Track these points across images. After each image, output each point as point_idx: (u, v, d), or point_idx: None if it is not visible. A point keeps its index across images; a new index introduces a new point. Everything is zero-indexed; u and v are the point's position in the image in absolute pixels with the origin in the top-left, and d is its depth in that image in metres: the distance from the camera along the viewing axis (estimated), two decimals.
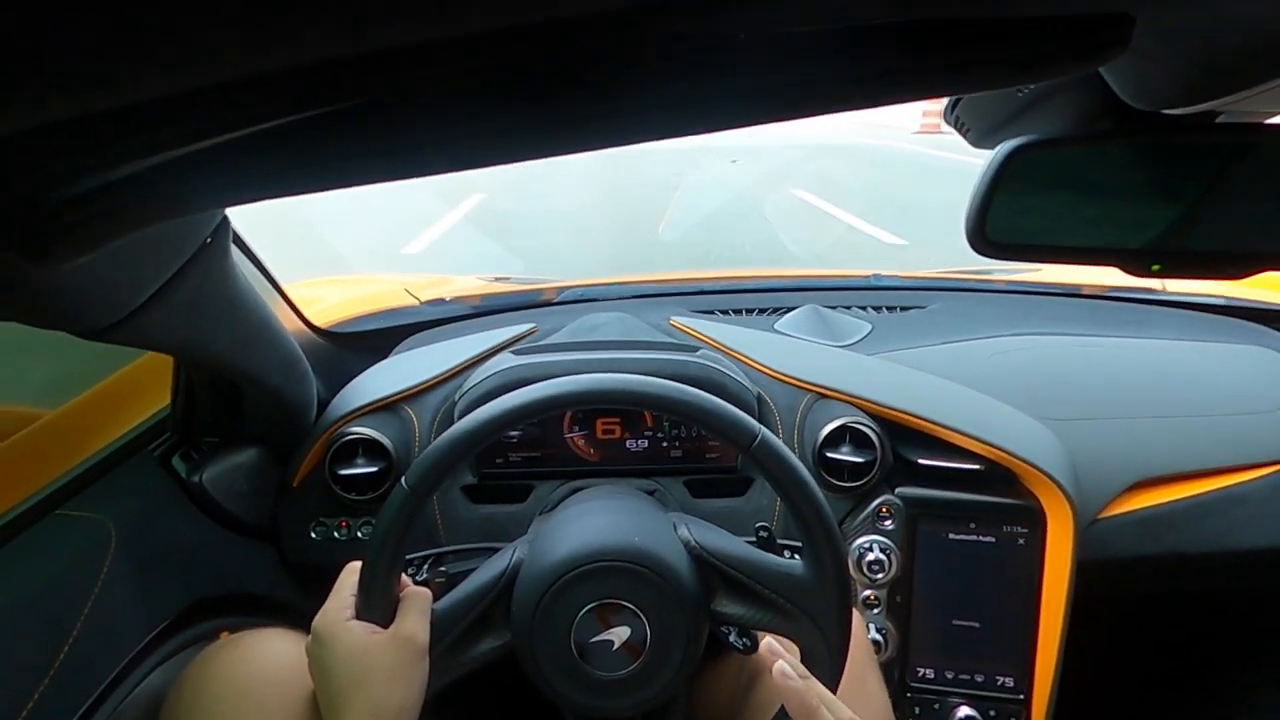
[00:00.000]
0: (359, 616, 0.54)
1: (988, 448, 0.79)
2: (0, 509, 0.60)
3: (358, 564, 0.55)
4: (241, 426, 0.79)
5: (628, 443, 0.86)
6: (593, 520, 0.63)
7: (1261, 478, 0.84)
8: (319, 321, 0.98)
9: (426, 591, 0.57)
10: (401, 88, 0.25)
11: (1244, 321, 1.05)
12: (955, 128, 0.56)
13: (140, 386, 0.80)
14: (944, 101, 0.54)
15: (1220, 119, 0.44)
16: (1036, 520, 0.79)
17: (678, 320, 0.97)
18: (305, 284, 1.18)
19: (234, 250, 0.60)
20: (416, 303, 1.16)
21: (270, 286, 0.82)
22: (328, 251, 4.58)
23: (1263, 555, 0.83)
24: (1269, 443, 0.86)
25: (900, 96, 0.30)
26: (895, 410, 0.82)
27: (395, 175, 0.29)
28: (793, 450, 0.56)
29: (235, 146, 0.27)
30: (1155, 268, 0.44)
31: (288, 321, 0.84)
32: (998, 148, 0.46)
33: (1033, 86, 0.45)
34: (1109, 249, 0.46)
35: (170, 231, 0.48)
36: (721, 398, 0.56)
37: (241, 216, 0.66)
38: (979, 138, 0.53)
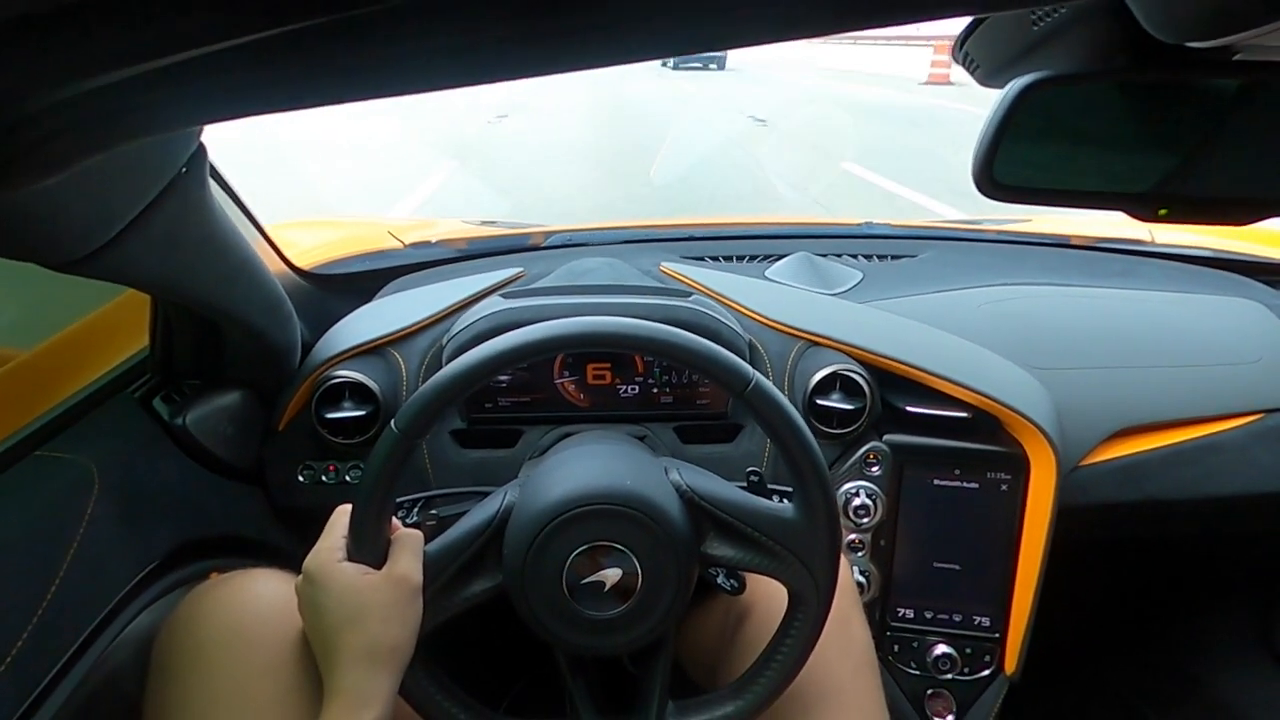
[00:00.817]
0: (351, 558, 0.54)
1: (975, 395, 0.80)
2: None
3: (348, 507, 0.55)
4: (224, 369, 0.77)
5: (618, 388, 0.85)
6: (585, 464, 0.63)
7: (1239, 427, 0.86)
8: (300, 263, 0.95)
9: (418, 533, 0.57)
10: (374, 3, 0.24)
11: (1228, 273, 1.06)
12: (963, 64, 0.54)
13: (117, 326, 0.77)
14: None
15: (1236, 58, 0.43)
16: (1020, 467, 0.80)
17: (668, 266, 0.96)
18: (285, 225, 1.14)
19: (213, 186, 0.57)
20: (401, 245, 1.13)
21: (251, 225, 0.79)
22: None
23: (1237, 501, 0.86)
24: (1247, 393, 0.87)
25: (916, 12, 0.28)
26: (885, 358, 0.83)
27: (369, 93, 0.28)
28: None
29: (207, 60, 0.25)
30: (1162, 212, 0.44)
31: (269, 262, 0.81)
32: (1008, 85, 0.44)
33: (1048, 19, 0.44)
34: (1117, 193, 0.45)
35: (143, 159, 0.45)
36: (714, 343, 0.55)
37: (224, 160, 0.63)
38: (988, 75, 0.52)
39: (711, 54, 16.59)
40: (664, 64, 19.34)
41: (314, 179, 4.97)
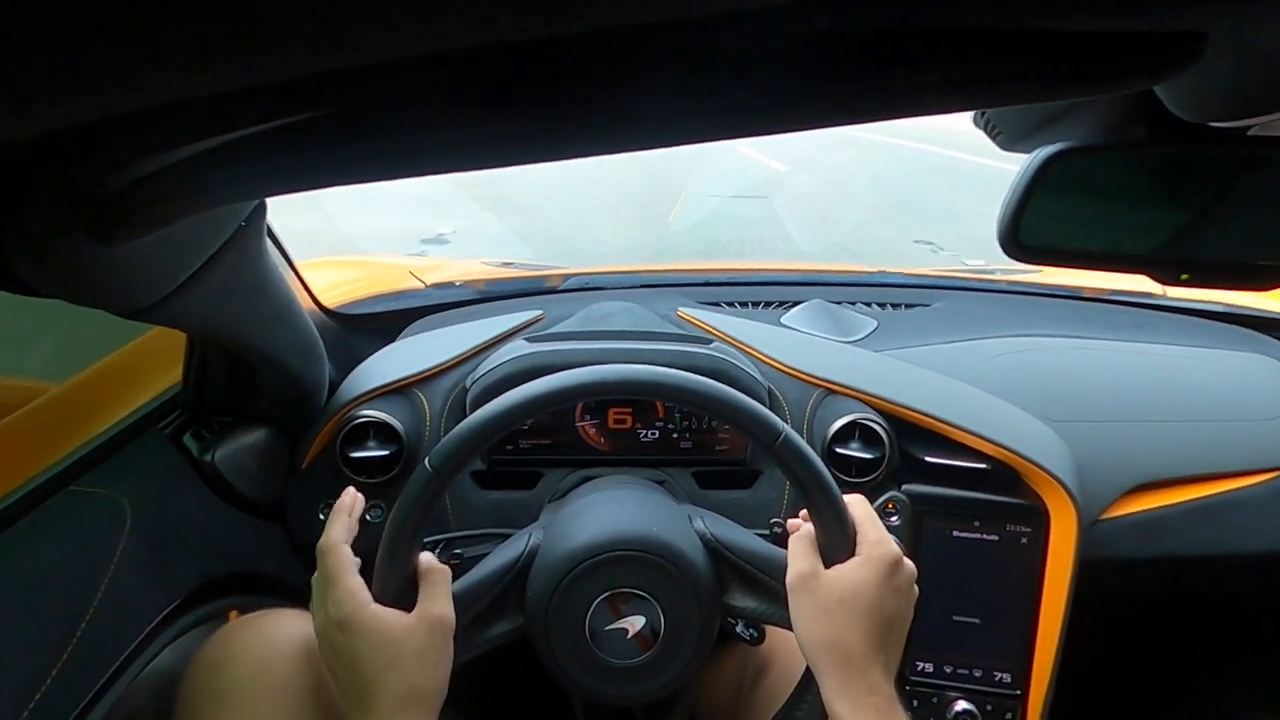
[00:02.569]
0: (378, 599, 0.54)
1: (994, 447, 0.80)
2: (12, 484, 0.59)
3: (331, 543, 0.55)
4: (253, 406, 0.78)
5: (639, 433, 0.86)
6: (610, 509, 0.63)
7: (1259, 484, 0.85)
8: (326, 302, 0.97)
9: (447, 569, 0.57)
10: (396, 94, 0.26)
11: (1242, 328, 1.07)
12: (985, 129, 0.56)
13: (147, 362, 0.79)
14: None
15: (1252, 131, 0.45)
16: (1040, 520, 0.80)
17: (685, 311, 0.97)
18: (311, 263, 1.17)
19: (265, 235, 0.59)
20: (422, 285, 1.15)
21: (287, 266, 0.81)
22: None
23: (1259, 559, 0.85)
24: (1267, 449, 0.87)
25: (920, 108, 0.30)
26: (904, 407, 0.83)
27: (398, 174, 0.30)
28: None
29: (280, 135, 0.28)
30: (1184, 276, 0.45)
31: (300, 300, 0.83)
32: (1035, 153, 0.46)
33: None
34: (1139, 256, 0.47)
35: (210, 215, 0.48)
36: None
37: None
38: (1009, 141, 0.54)
39: None
40: None
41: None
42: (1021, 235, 0.46)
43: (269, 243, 0.62)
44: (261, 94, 0.24)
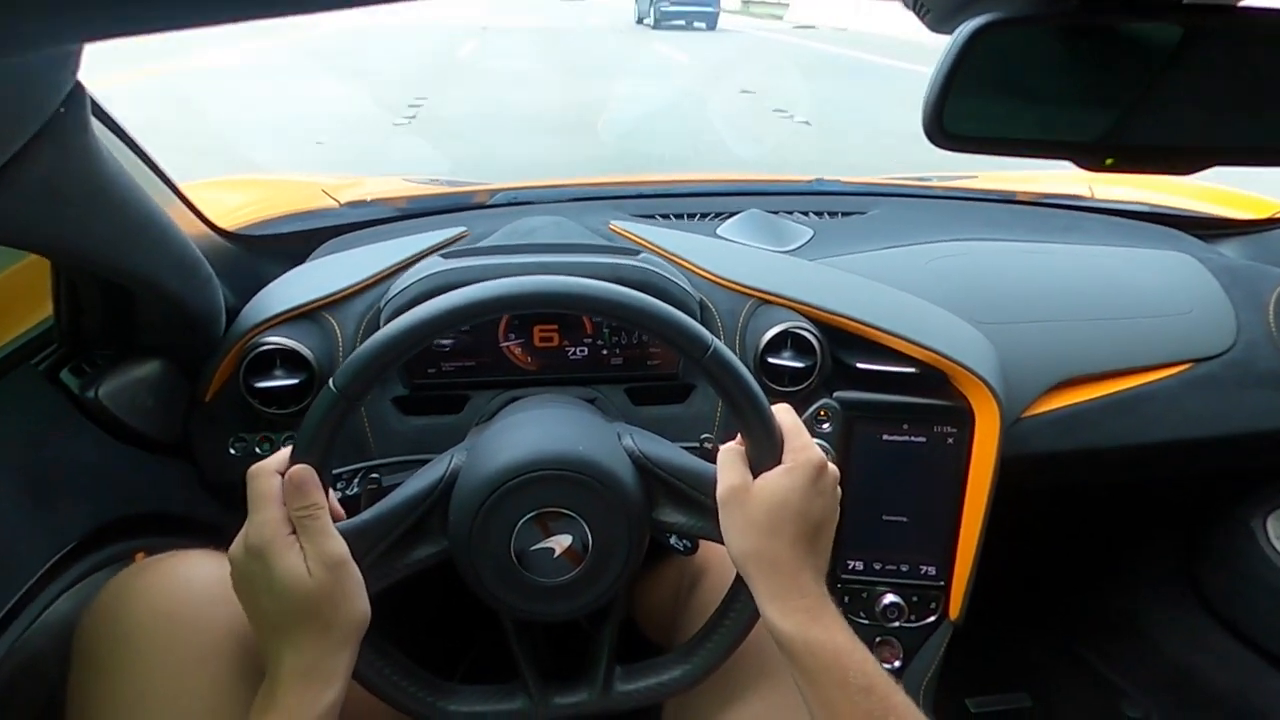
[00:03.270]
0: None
1: (923, 351, 0.81)
2: None
3: (260, 467, 0.51)
4: (138, 337, 0.71)
5: (567, 350, 0.83)
6: (536, 428, 0.61)
7: (1171, 376, 0.89)
8: (225, 224, 0.89)
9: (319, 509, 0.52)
10: None
11: (1163, 227, 1.09)
12: (913, 9, 0.52)
13: (15, 295, 0.71)
14: None
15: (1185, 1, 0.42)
16: (966, 420, 0.82)
17: (617, 224, 0.93)
18: (205, 184, 1.07)
19: (104, 133, 0.52)
20: (336, 204, 1.07)
21: (160, 181, 0.73)
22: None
23: (1170, 446, 0.90)
24: (1179, 344, 0.90)
25: None
26: (835, 315, 0.82)
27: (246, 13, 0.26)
28: None
29: None
30: (1109, 162, 0.43)
31: (185, 223, 0.75)
32: (960, 28, 0.43)
33: None
34: (1065, 143, 0.45)
35: (8, 97, 0.40)
36: (664, 303, 0.54)
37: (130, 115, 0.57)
38: (938, 20, 0.50)
39: (700, 12, 14.43)
40: (638, 19, 15.89)
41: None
42: (946, 123, 0.44)
43: (118, 147, 0.54)
44: None
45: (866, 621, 0.88)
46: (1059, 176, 1.29)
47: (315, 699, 0.48)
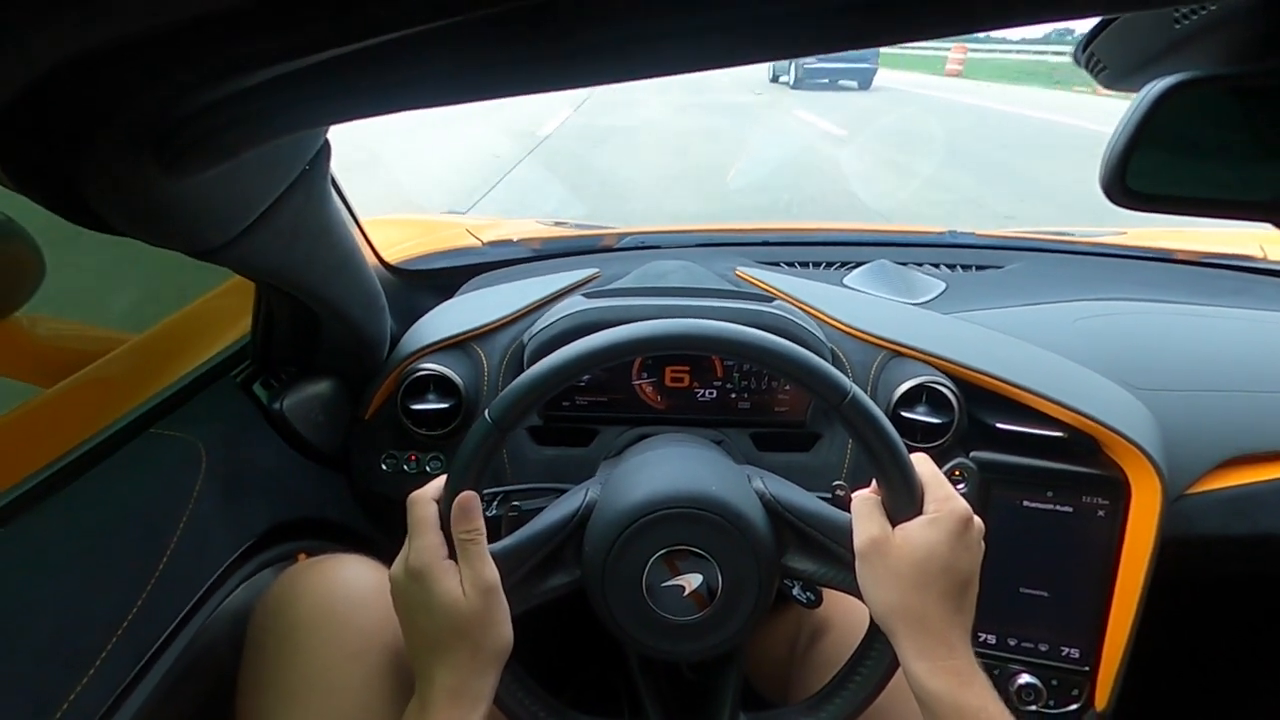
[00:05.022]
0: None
1: (1071, 414, 0.76)
2: (98, 425, 0.62)
3: (421, 497, 0.55)
4: (318, 357, 0.80)
5: (696, 392, 0.84)
6: (669, 466, 0.62)
7: None
8: (388, 258, 0.98)
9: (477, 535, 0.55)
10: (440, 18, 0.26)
11: None
12: (1086, 66, 0.51)
13: (219, 315, 0.81)
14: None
15: None
16: (1120, 492, 0.76)
17: (744, 271, 0.95)
18: (370, 221, 1.18)
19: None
20: (479, 243, 1.15)
21: (351, 221, 0.82)
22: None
23: None
24: None
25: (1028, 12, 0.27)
26: (974, 371, 0.79)
27: (447, 100, 0.31)
28: None
29: (334, 66, 0.28)
30: None
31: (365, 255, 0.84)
32: (1148, 86, 0.42)
33: (1192, 17, 0.41)
34: (1263, 203, 0.42)
35: (277, 155, 0.48)
36: None
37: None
38: (1115, 78, 0.49)
39: (850, 67, 12.03)
40: (774, 78, 13.64)
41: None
42: (1130, 179, 0.42)
43: (333, 191, 0.62)
44: (314, 21, 0.23)
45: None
46: (1224, 235, 1.19)
47: (463, 718, 0.51)
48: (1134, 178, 0.42)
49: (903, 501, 0.53)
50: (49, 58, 0.25)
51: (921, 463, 0.56)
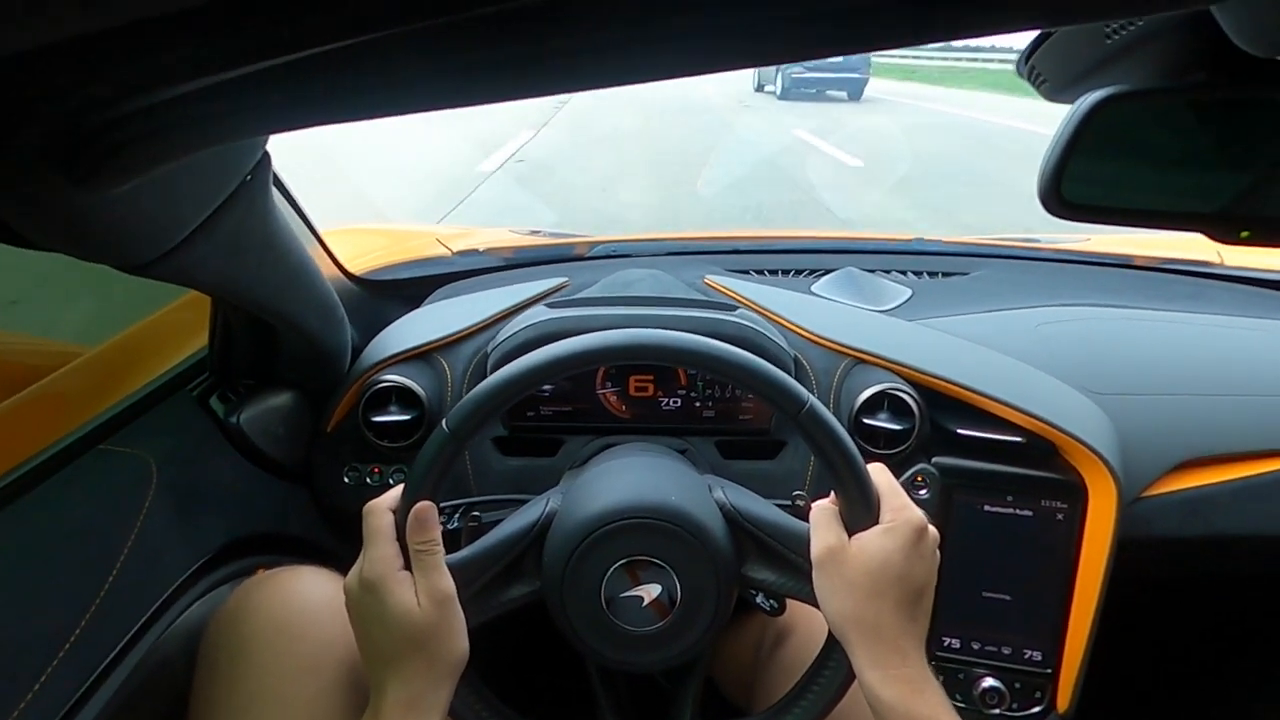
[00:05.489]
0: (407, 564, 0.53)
1: (1030, 419, 0.77)
2: (46, 441, 0.61)
3: (377, 508, 0.54)
4: (277, 370, 0.79)
5: (660, 401, 0.85)
6: (629, 476, 0.62)
7: None
8: (352, 268, 0.97)
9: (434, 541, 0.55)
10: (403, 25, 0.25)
11: None
12: (1028, 78, 0.52)
13: (178, 327, 0.80)
14: None
15: None
16: (1078, 496, 0.77)
17: (712, 279, 0.95)
18: (337, 231, 1.17)
19: (274, 192, 0.59)
20: (449, 253, 1.15)
21: (308, 231, 0.81)
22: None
23: None
24: None
25: (983, 26, 0.27)
26: (935, 377, 0.80)
27: (392, 110, 0.30)
28: None
29: (271, 73, 0.27)
30: (1244, 234, 0.42)
31: (323, 266, 0.83)
32: (1081, 99, 0.43)
33: (1123, 32, 0.42)
34: (1194, 214, 0.43)
35: (212, 166, 0.47)
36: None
37: (281, 164, 0.65)
38: (1055, 90, 0.50)
39: (838, 77, 11.38)
40: (759, 87, 13.29)
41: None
42: (1064, 190, 0.43)
43: (282, 204, 0.61)
44: (250, 21, 0.23)
45: (963, 705, 0.82)
46: (1182, 242, 1.22)
47: None
48: (1069, 189, 0.43)
49: (859, 511, 0.54)
50: None
51: (878, 472, 0.56)
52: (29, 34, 0.22)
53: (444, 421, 0.54)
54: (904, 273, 1.08)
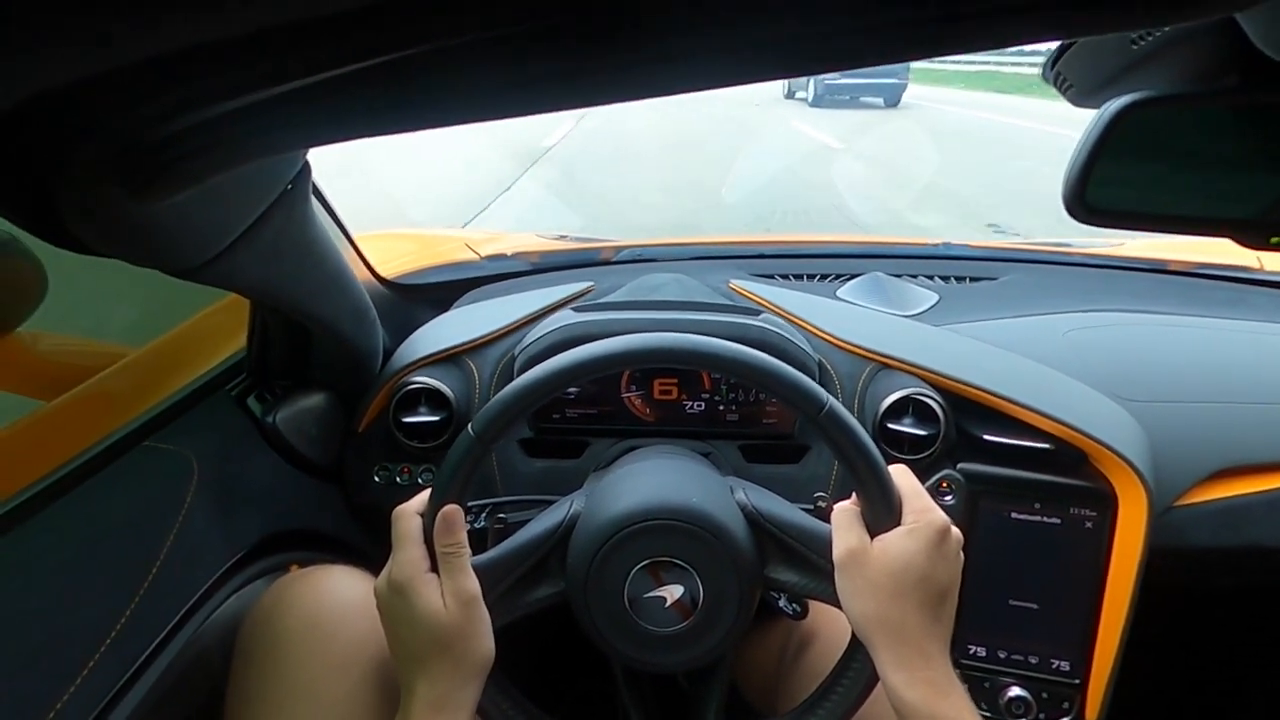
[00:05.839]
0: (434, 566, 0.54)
1: (1059, 426, 0.76)
2: (94, 438, 0.64)
3: (405, 511, 0.56)
4: (311, 371, 0.81)
5: (684, 404, 0.85)
6: (652, 478, 0.63)
7: None
8: (384, 272, 1.00)
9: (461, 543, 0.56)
10: (450, 36, 0.26)
11: None
12: (1054, 84, 0.52)
13: (217, 330, 0.83)
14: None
15: None
16: (1107, 504, 0.76)
17: (737, 283, 0.96)
18: (369, 236, 1.20)
19: (312, 199, 0.61)
20: (477, 258, 1.17)
21: (343, 236, 0.84)
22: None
23: None
24: None
25: (1004, 38, 0.28)
26: (961, 383, 0.80)
27: (437, 123, 0.31)
28: None
29: (314, 90, 0.28)
30: (1274, 240, 0.41)
31: (356, 270, 0.86)
32: (1106, 105, 0.42)
33: (1149, 38, 0.42)
34: (1222, 219, 0.43)
35: (256, 176, 0.50)
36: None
37: (319, 173, 0.67)
38: (1081, 95, 0.50)
39: (874, 83, 10.82)
40: (790, 94, 12.72)
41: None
42: (1089, 196, 0.43)
43: (319, 209, 0.64)
44: (294, 44, 0.24)
45: (989, 714, 0.81)
46: (1219, 247, 1.19)
47: None
48: (1094, 194, 0.43)
49: (881, 512, 0.54)
50: (33, 87, 0.26)
51: (900, 474, 0.56)
52: (94, 61, 0.24)
53: (470, 426, 0.55)
54: (931, 277, 1.07)
